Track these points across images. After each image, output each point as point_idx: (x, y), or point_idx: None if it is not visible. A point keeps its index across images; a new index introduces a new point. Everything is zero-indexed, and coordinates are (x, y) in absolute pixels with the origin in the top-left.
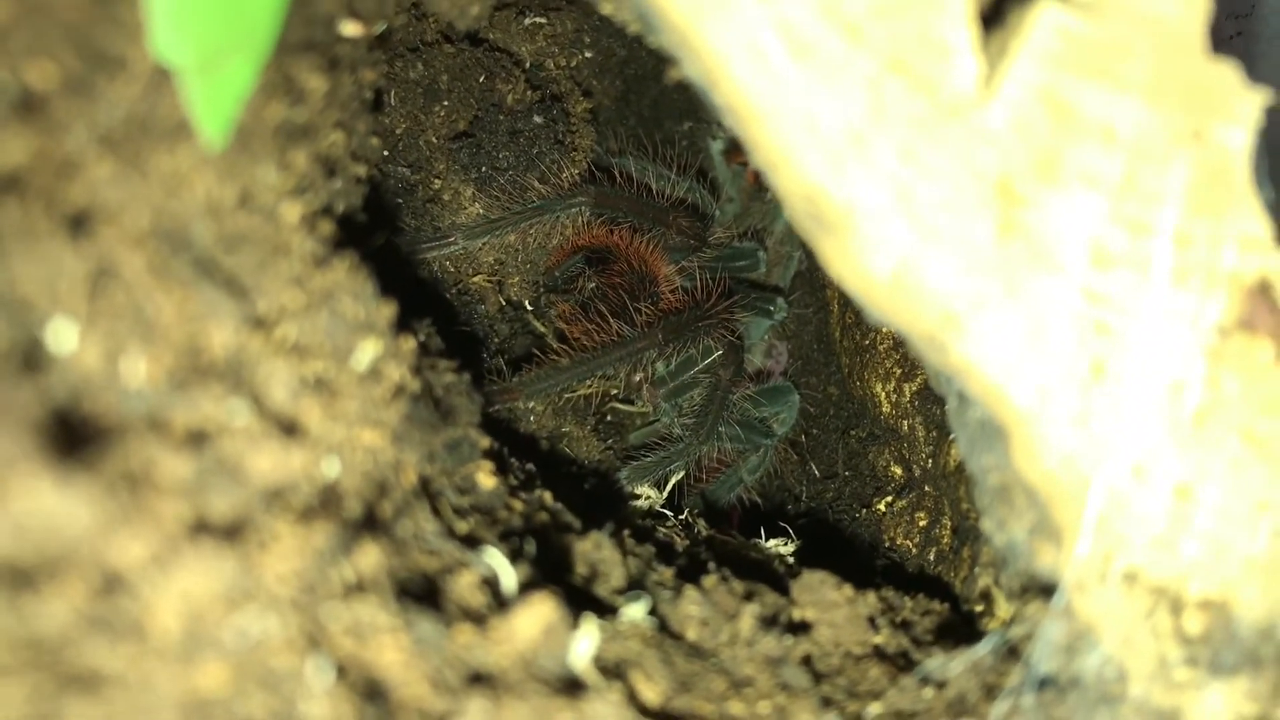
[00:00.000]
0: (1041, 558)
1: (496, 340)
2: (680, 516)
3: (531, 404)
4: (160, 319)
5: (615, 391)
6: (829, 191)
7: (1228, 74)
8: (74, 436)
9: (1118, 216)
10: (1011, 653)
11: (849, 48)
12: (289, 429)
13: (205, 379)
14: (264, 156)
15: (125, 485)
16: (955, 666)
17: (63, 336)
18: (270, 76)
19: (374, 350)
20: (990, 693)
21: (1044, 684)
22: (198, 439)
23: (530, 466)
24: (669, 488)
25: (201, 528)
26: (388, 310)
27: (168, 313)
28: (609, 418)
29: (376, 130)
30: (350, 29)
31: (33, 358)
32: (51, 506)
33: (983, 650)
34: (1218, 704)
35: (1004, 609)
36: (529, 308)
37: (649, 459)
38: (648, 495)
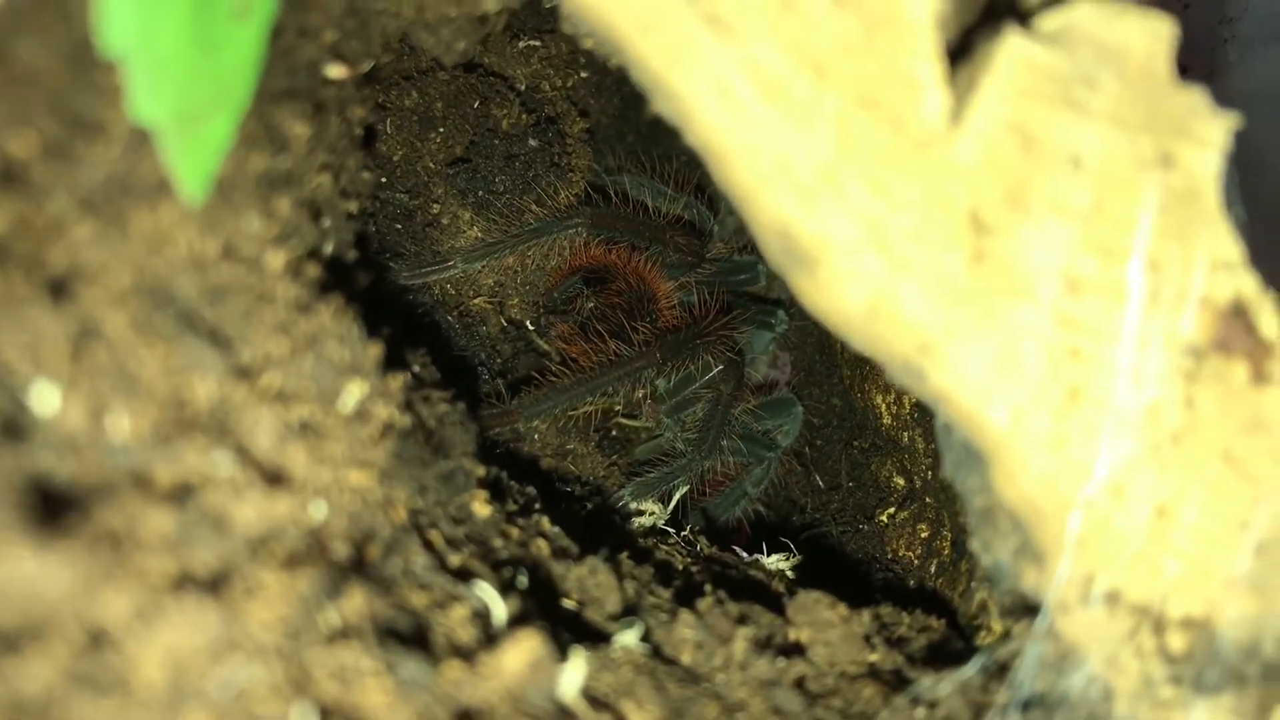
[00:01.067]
0: (1026, 579)
1: (499, 360)
2: (682, 534)
3: (534, 423)
4: (143, 375)
5: (619, 407)
6: (801, 227)
7: (1195, 99)
8: (55, 500)
9: (1088, 243)
10: (999, 672)
11: (817, 86)
12: (274, 477)
13: (189, 432)
14: (246, 207)
15: (108, 543)
16: (945, 687)
17: (46, 398)
18: (252, 127)
19: (360, 392)
20: (979, 712)
21: (1030, 703)
22: (181, 492)
23: (530, 489)
24: (673, 503)
25: (185, 581)
26: (374, 351)
27: (151, 368)
28: (613, 433)
29: (369, 164)
30: (335, 72)
31: (14, 424)
32: (31, 572)
33: (970, 670)
34: None
35: (998, 625)
36: (530, 327)
37: (652, 475)
38: (651, 511)
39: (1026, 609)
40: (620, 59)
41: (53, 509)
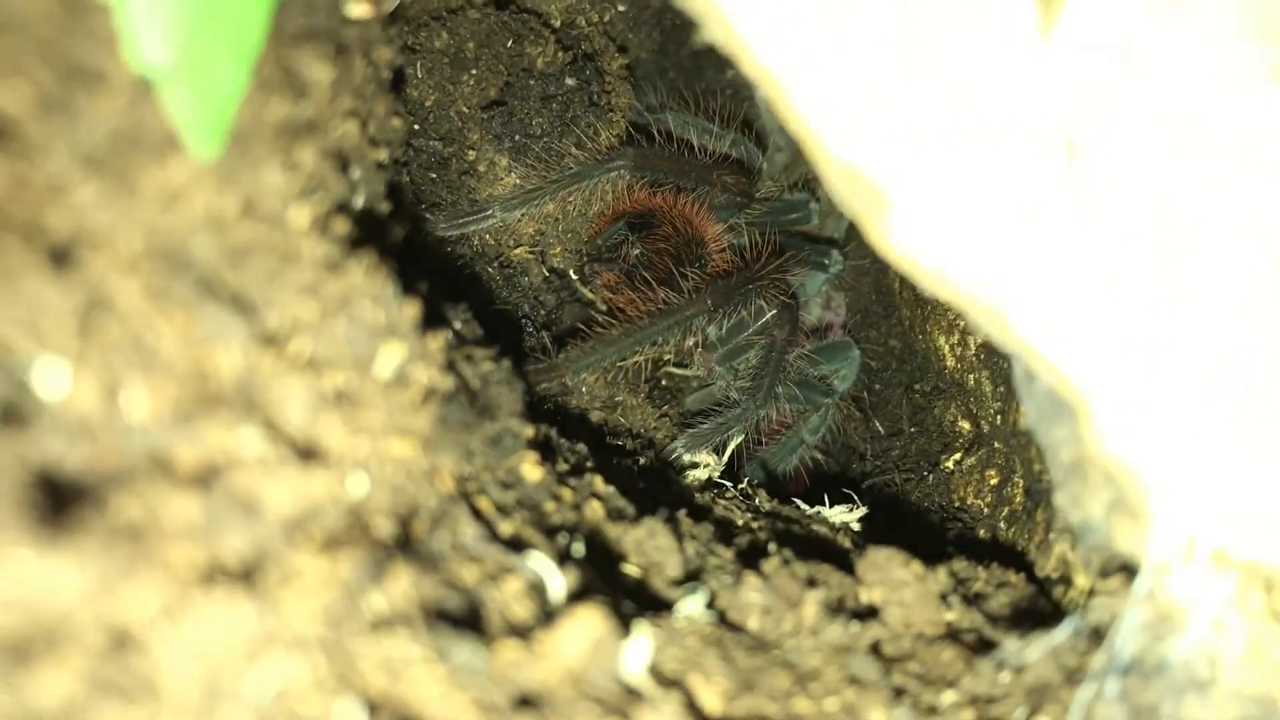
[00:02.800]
0: (1121, 537)
1: (543, 312)
2: (739, 486)
3: (582, 376)
4: (161, 347)
5: (668, 356)
6: (870, 163)
7: None
8: (66, 492)
9: (1189, 167)
10: (1093, 636)
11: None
12: (308, 452)
13: (213, 408)
14: (266, 159)
15: (128, 535)
16: (1034, 651)
17: (52, 379)
18: (268, 71)
19: (398, 355)
20: (1072, 677)
21: (1129, 669)
22: (207, 475)
23: (581, 447)
24: (728, 453)
25: (215, 572)
26: (411, 310)
27: (169, 340)
28: (664, 383)
29: (399, 110)
30: (358, 10)
31: (15, 409)
32: (39, 574)
33: (1062, 635)
34: None
35: (1082, 579)
36: (574, 276)
37: (706, 426)
38: (706, 463)
39: (1119, 568)
40: None
41: (63, 502)
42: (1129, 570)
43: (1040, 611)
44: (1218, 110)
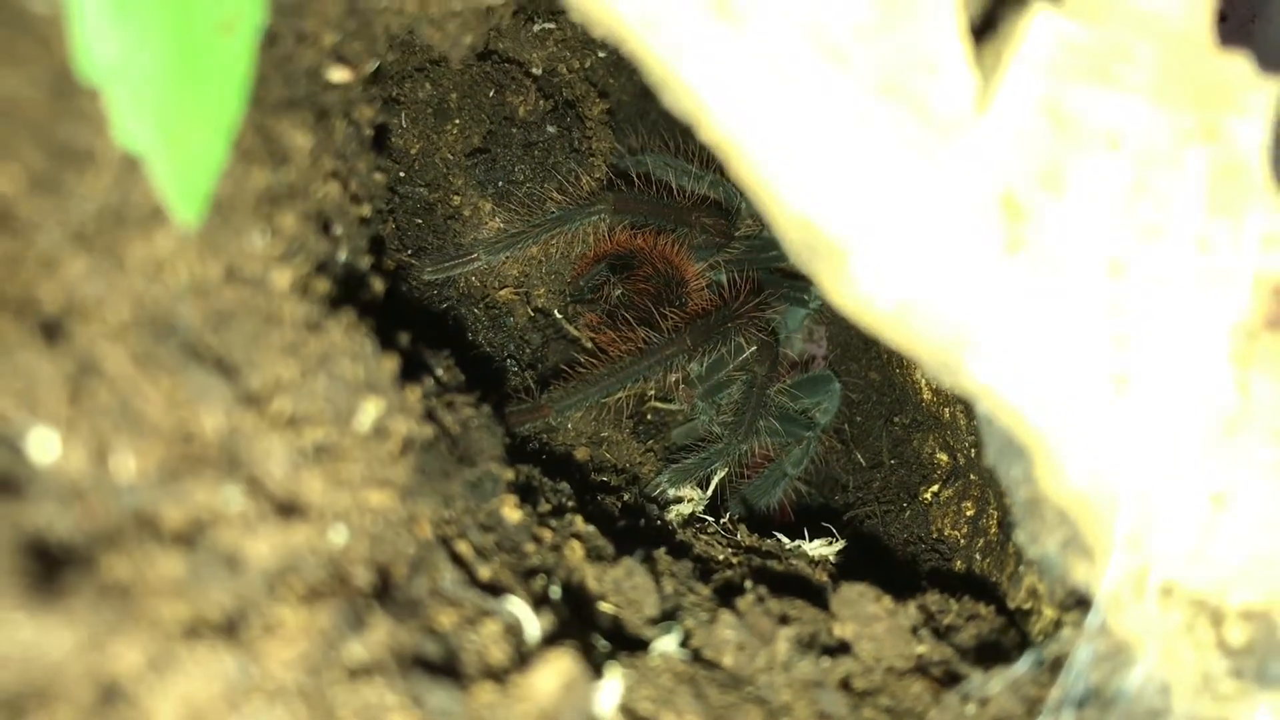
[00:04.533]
0: (1076, 572)
1: (529, 351)
2: (721, 521)
3: (565, 416)
4: (147, 410)
5: (652, 391)
6: (823, 222)
7: (1238, 66)
8: (56, 556)
9: (1131, 223)
10: (1053, 667)
11: (836, 74)
12: (289, 507)
13: (198, 467)
14: (248, 226)
15: (116, 593)
16: (996, 684)
17: (44, 445)
18: (250, 142)
19: (377, 409)
20: (1033, 709)
21: (1085, 700)
22: (192, 532)
23: (564, 485)
24: (712, 487)
25: (199, 625)
26: (390, 364)
27: (155, 403)
28: (649, 417)
29: (381, 165)
30: (339, 75)
31: (10, 479)
32: (31, 635)
33: (1022, 667)
34: (1266, 716)
35: (1050, 610)
36: (558, 315)
37: (689, 460)
38: (690, 497)
39: (1078, 601)
40: (628, 54)
41: (54, 564)
42: (1085, 604)
43: (1007, 644)
44: (1152, 172)
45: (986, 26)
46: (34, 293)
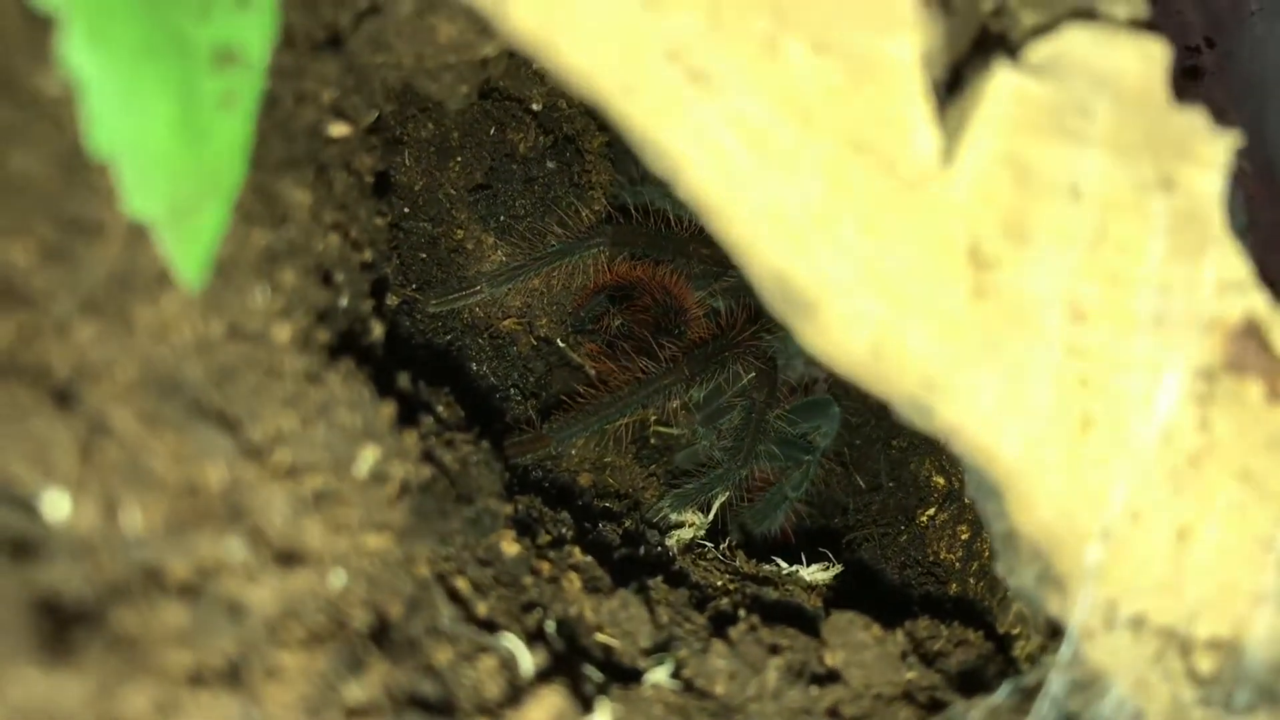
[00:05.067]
0: (1050, 604)
1: (532, 379)
2: (721, 546)
3: (565, 446)
4: (154, 466)
5: (654, 416)
6: (797, 273)
7: (1195, 120)
8: (67, 610)
9: (1092, 271)
10: (1030, 695)
11: (804, 134)
12: (288, 555)
13: (202, 520)
14: (250, 285)
15: (124, 645)
16: (976, 713)
17: (56, 506)
18: (250, 204)
19: (374, 455)
20: None
21: None
22: (196, 582)
23: (564, 515)
24: (713, 512)
25: (203, 672)
26: (387, 411)
27: (161, 459)
28: (652, 440)
29: (382, 209)
30: (338, 130)
31: (25, 540)
32: (44, 690)
33: (1001, 696)
34: None
35: (1036, 637)
36: (561, 343)
37: (690, 486)
38: (692, 522)
39: (1053, 633)
40: (607, 117)
41: (64, 621)
42: (1061, 634)
43: (993, 670)
44: (1112, 221)
45: (953, 84)
46: (47, 359)
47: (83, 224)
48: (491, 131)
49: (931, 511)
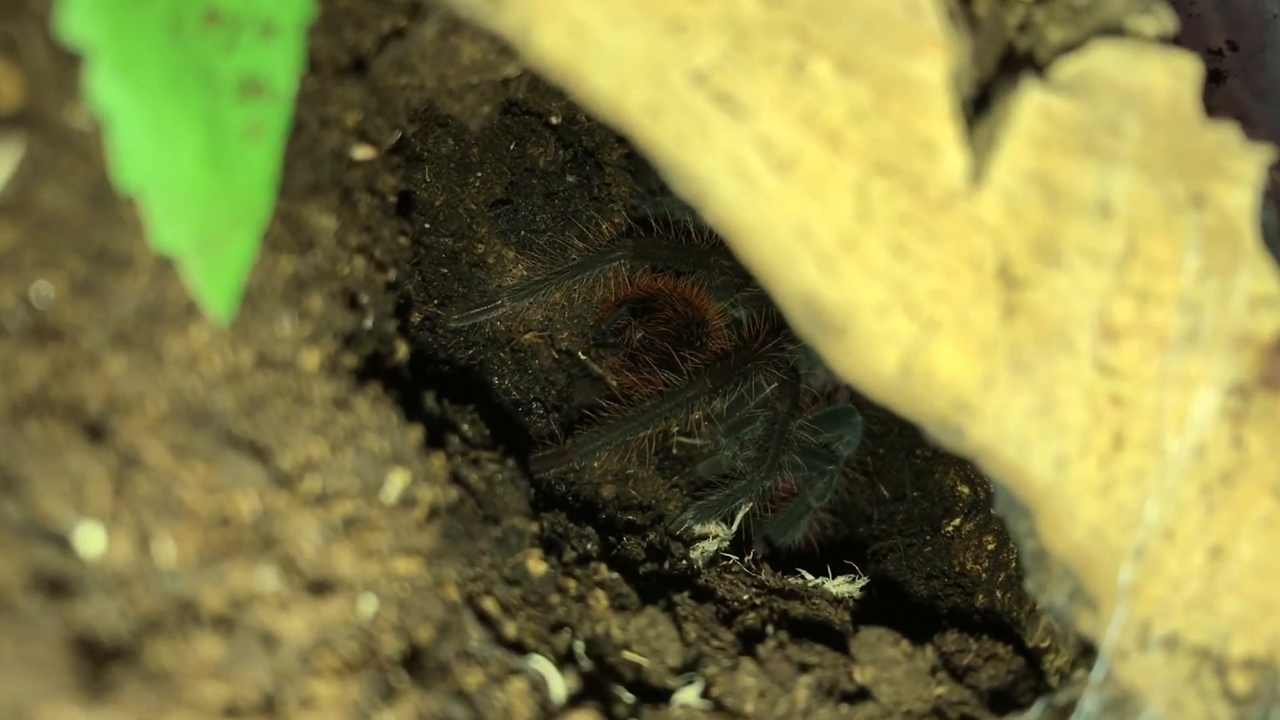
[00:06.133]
0: (1082, 623)
1: (554, 391)
2: (745, 559)
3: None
4: (186, 497)
5: (677, 427)
6: (826, 295)
7: (1226, 136)
8: (104, 648)
9: (1124, 289)
10: (1063, 713)
11: (831, 157)
12: (320, 584)
13: (234, 550)
14: (278, 312)
15: (160, 680)
16: None
17: (91, 539)
18: (277, 232)
19: (403, 480)
20: None
21: None
22: (230, 614)
23: (589, 530)
24: (737, 523)
25: (239, 703)
26: (415, 435)
27: (193, 490)
28: (675, 451)
29: (405, 229)
30: (362, 153)
31: (60, 577)
32: None
33: (1034, 714)
34: None
35: (1066, 651)
36: (583, 356)
37: (713, 497)
38: (716, 533)
39: (1085, 650)
40: (636, 142)
41: (102, 659)
42: (1093, 652)
43: (1024, 685)
44: (1142, 239)
45: (981, 103)
46: (79, 393)
47: (112, 256)
48: (511, 146)
49: (957, 522)
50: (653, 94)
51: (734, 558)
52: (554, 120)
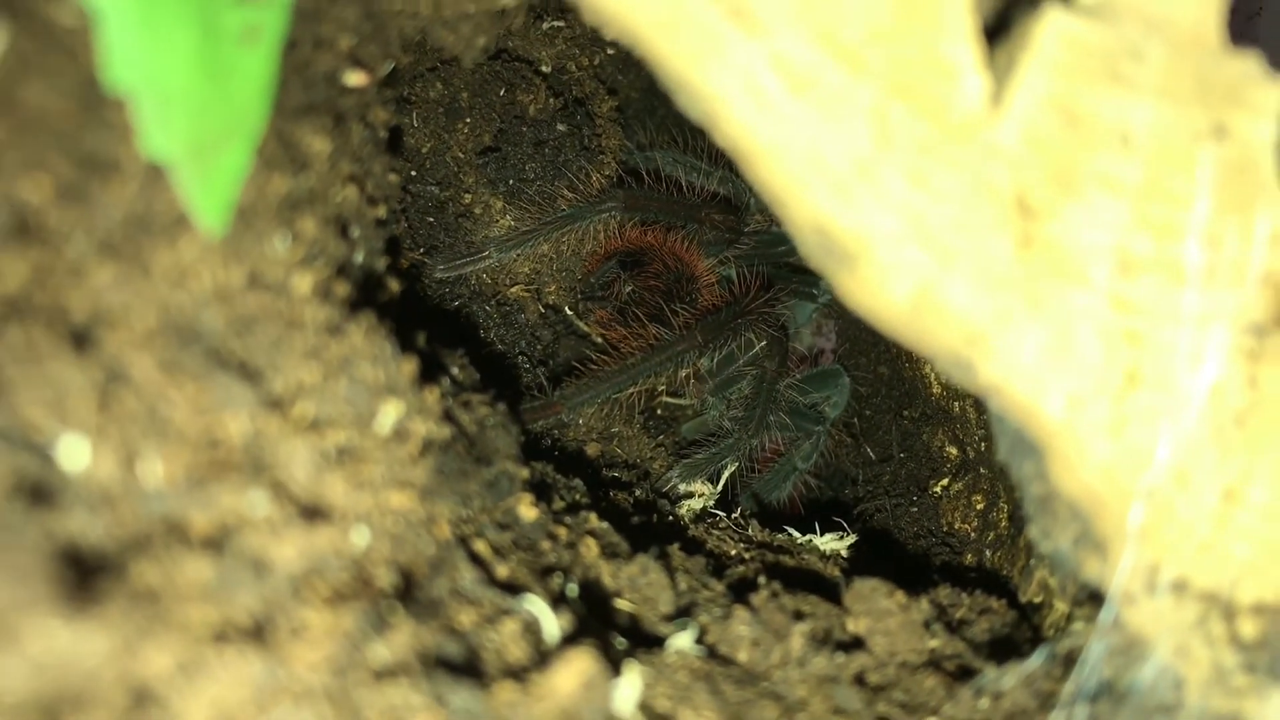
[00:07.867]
0: (1088, 568)
1: (540, 347)
2: (732, 516)
3: (577, 413)
4: (174, 416)
5: (663, 386)
6: (839, 223)
7: (1248, 66)
8: (88, 561)
9: (1142, 221)
10: (1065, 661)
11: (849, 77)
12: (312, 510)
13: (223, 472)
14: (270, 232)
15: (146, 599)
16: (1010, 679)
17: (75, 453)
18: (271, 149)
19: (397, 411)
20: (1046, 703)
21: (1099, 694)
22: (219, 537)
23: (577, 482)
24: (723, 482)
25: (228, 629)
26: (409, 367)
27: (181, 409)
28: (660, 411)
29: (395, 166)
30: (355, 79)
31: (42, 487)
32: (66, 643)
33: (1035, 662)
34: (1279, 710)
35: (1062, 604)
36: (569, 311)
37: (700, 455)
38: (701, 492)
39: (1090, 596)
40: (642, 57)
41: (87, 570)
42: (1098, 599)
43: (1019, 638)
44: (1162, 170)
45: (999, 28)
46: (63, 302)
47: (99, 162)
48: (501, 92)
49: (945, 482)
50: (664, 8)
51: (721, 514)
52: (545, 68)
